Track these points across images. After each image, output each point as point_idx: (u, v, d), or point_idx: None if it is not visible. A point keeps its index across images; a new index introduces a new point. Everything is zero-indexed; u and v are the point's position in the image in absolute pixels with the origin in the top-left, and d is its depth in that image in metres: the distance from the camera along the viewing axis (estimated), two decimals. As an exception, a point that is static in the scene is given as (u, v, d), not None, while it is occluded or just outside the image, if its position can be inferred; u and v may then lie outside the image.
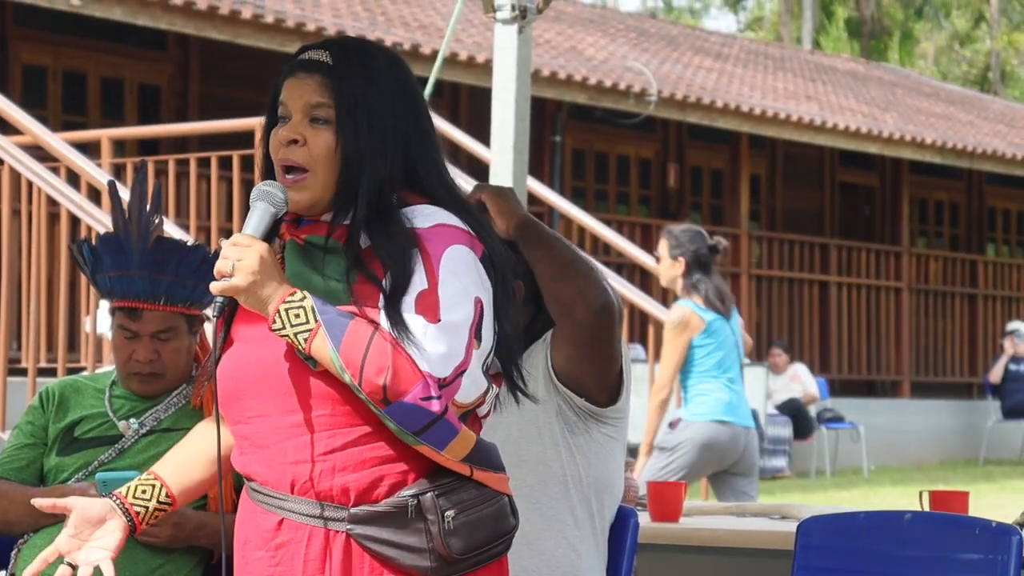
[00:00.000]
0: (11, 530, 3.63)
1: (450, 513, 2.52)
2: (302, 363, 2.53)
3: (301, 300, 2.50)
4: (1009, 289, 19.63)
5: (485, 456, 2.58)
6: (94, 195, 7.70)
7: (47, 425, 3.67)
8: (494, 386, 2.62)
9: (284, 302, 2.49)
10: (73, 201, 7.41)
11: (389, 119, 2.59)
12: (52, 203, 7.59)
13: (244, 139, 8.89)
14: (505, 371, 2.65)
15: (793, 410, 14.79)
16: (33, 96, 11.95)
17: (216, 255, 3.73)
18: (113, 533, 2.73)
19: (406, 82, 2.64)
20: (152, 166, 8.25)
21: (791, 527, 3.75)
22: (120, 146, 10.75)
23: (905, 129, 17.95)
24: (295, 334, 2.49)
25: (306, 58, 2.63)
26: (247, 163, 8.79)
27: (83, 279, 8.01)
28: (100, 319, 7.27)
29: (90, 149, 8.91)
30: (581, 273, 3.26)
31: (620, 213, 16.70)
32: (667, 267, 7.11)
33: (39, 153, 7.79)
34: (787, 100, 17.50)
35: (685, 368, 7.04)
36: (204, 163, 9.08)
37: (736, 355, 7.17)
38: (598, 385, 3.33)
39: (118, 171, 9.03)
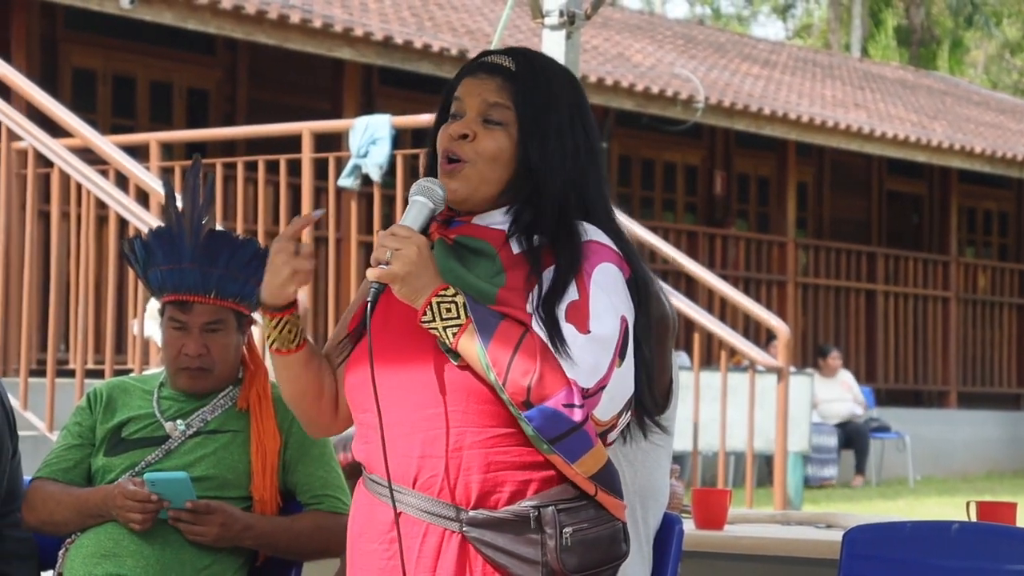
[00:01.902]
0: (58, 531, 3.65)
1: (568, 530, 2.52)
2: (440, 358, 2.54)
3: (453, 296, 2.51)
4: (1058, 299, 19.51)
5: (611, 479, 2.58)
6: (142, 198, 7.74)
7: (95, 426, 3.69)
8: (628, 412, 2.62)
9: (437, 296, 2.51)
10: (121, 204, 7.44)
11: (569, 135, 2.63)
12: (101, 206, 7.64)
13: (291, 143, 8.92)
14: (639, 399, 2.65)
15: (851, 432, 14.79)
16: (83, 99, 12.02)
17: (266, 250, 3.75)
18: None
19: (583, 100, 2.70)
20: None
21: (837, 536, 3.74)
22: (168, 149, 10.81)
23: (954, 138, 17.86)
24: (444, 327, 2.50)
25: (488, 61, 2.68)
26: (294, 167, 8.82)
27: (131, 282, 8.06)
28: (147, 323, 7.31)
29: (139, 152, 8.96)
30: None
31: (666, 220, 16.67)
32: None
33: (88, 156, 7.83)
34: (835, 108, 17.43)
35: None
36: (251, 167, 9.12)
37: None
38: (648, 396, 3.30)
39: (166, 175, 9.07)
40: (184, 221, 3.61)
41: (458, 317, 2.50)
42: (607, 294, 2.56)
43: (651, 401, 2.67)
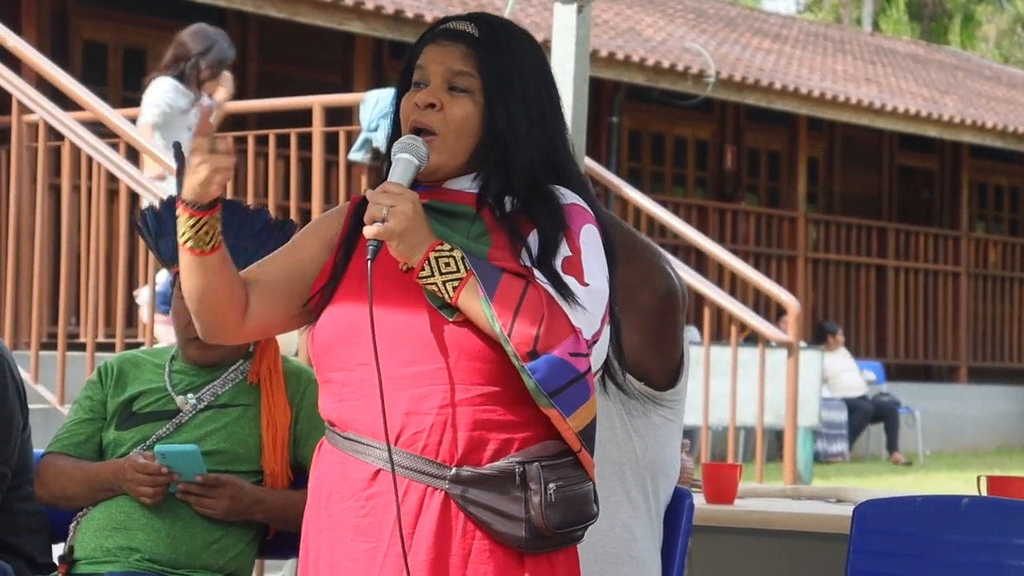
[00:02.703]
0: (70, 505, 3.66)
1: (552, 486, 2.52)
2: (429, 315, 2.53)
3: (451, 250, 2.50)
4: (1069, 275, 19.47)
5: (592, 437, 2.58)
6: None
7: (105, 400, 3.70)
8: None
9: (435, 251, 2.50)
10: (132, 177, 7.44)
11: (535, 99, 2.63)
12: (112, 179, 7.63)
13: (302, 117, 8.91)
14: (607, 363, 2.66)
15: (880, 409, 14.83)
16: (94, 72, 12.01)
17: (276, 222, 3.75)
18: None
19: (546, 64, 2.69)
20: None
21: (847, 511, 3.74)
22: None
23: (965, 113, 17.81)
24: (444, 282, 2.49)
25: (451, 27, 2.66)
26: (304, 141, 8.81)
27: (142, 255, 8.06)
28: (145, 295, 7.32)
29: (149, 126, 8.94)
30: (643, 258, 3.25)
31: (676, 195, 16.64)
32: None
33: (99, 129, 7.82)
34: (846, 82, 17.38)
35: None
36: (262, 141, 9.11)
37: None
38: (658, 371, 3.31)
39: (178, 146, 9.05)
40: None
41: (458, 271, 2.49)
42: (596, 253, 2.58)
43: (618, 363, 2.69)
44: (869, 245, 17.44)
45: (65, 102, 7.91)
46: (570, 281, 2.51)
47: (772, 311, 13.29)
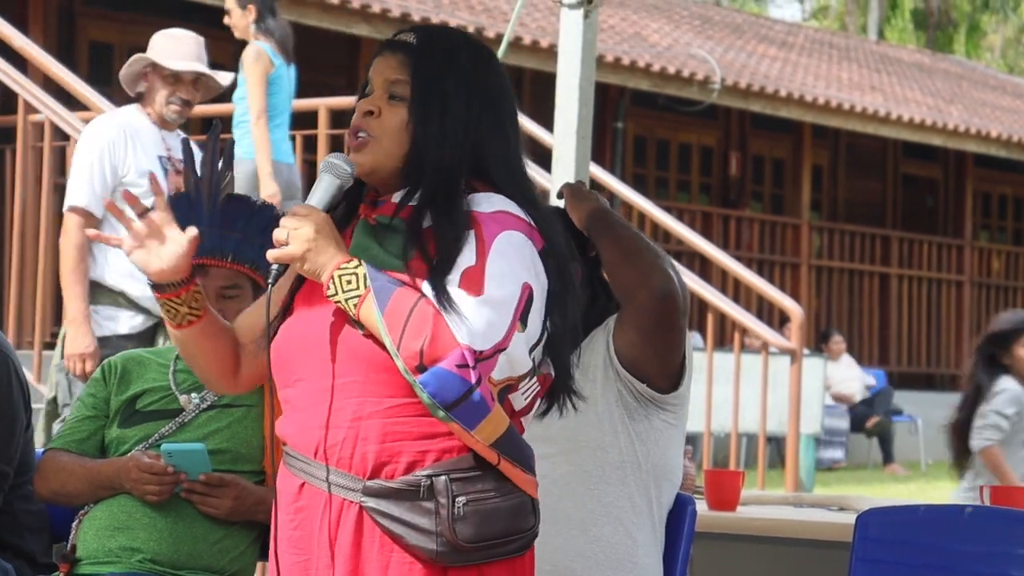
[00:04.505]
0: (70, 502, 3.65)
1: (462, 499, 2.53)
2: (346, 329, 2.58)
3: (355, 268, 2.55)
4: (1072, 285, 19.46)
5: (517, 450, 2.58)
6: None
7: (109, 397, 3.70)
8: (536, 381, 2.63)
9: (338, 269, 2.55)
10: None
11: (463, 108, 2.65)
12: (116, 179, 7.62)
13: (307, 119, 8.91)
14: (557, 371, 2.67)
15: (876, 426, 14.83)
16: (100, 73, 12.01)
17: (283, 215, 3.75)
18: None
19: (489, 75, 2.70)
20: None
21: (850, 519, 3.73)
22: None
23: (970, 122, 17.80)
24: (346, 299, 2.54)
25: (395, 39, 2.72)
26: (310, 143, 8.81)
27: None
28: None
29: (154, 126, 8.93)
30: (646, 260, 3.27)
31: (681, 201, 16.64)
32: (238, 17, 7.79)
33: (104, 129, 7.82)
34: (851, 90, 17.38)
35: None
36: (267, 142, 9.09)
37: (288, 101, 7.75)
38: (659, 373, 3.32)
39: (185, 141, 9.05)
40: (202, 186, 3.61)
41: (358, 288, 2.54)
42: (507, 260, 2.57)
43: (567, 374, 2.68)
44: (873, 253, 17.43)
45: (71, 102, 7.91)
46: (459, 294, 2.52)
47: (775, 318, 13.29)
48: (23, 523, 3.77)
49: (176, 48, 5.81)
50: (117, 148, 5.62)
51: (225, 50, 13.34)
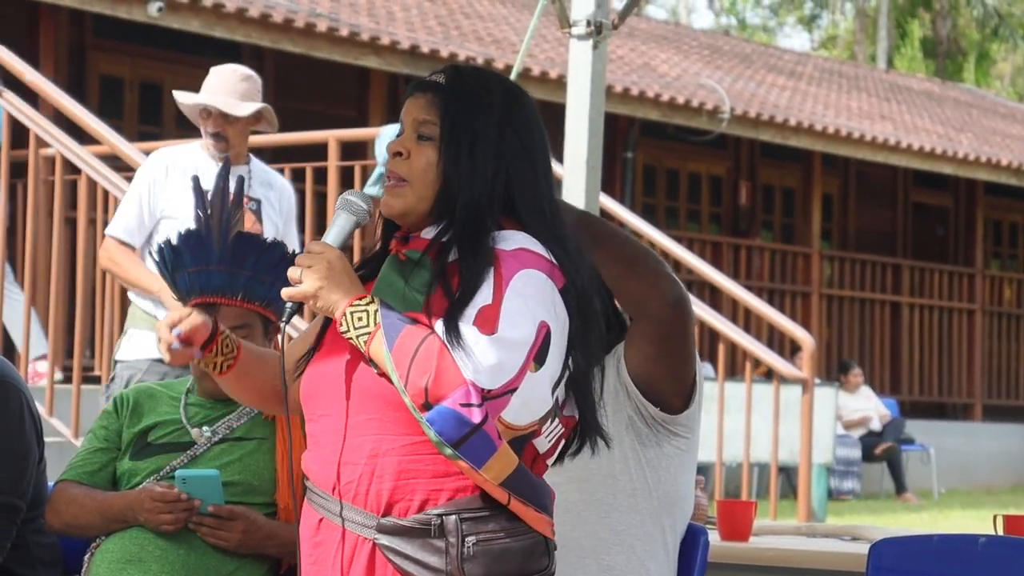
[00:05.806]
0: (82, 534, 3.65)
1: (472, 539, 2.53)
2: (362, 367, 2.60)
3: (367, 304, 2.56)
4: (1084, 313, 19.42)
5: (529, 489, 2.58)
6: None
7: (121, 430, 3.70)
8: (560, 424, 2.62)
9: (351, 306, 2.56)
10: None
11: (493, 147, 2.65)
12: (127, 212, 7.64)
13: (317, 151, 8.93)
14: (582, 410, 2.66)
15: (887, 455, 14.77)
16: (110, 106, 12.05)
17: (294, 255, 3.76)
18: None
19: (520, 114, 2.70)
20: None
21: (863, 549, 3.72)
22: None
23: (980, 150, 17.80)
24: (357, 336, 2.55)
25: (424, 79, 2.74)
26: (319, 175, 8.83)
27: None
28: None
29: (165, 159, 8.95)
30: (650, 267, 3.22)
31: (691, 230, 16.64)
32: None
33: (116, 163, 7.85)
34: (861, 119, 17.39)
35: None
36: (277, 175, 9.12)
37: None
38: (673, 390, 3.28)
39: (195, 178, 9.07)
40: (213, 223, 3.61)
41: (368, 325, 2.55)
42: (524, 299, 2.56)
43: (593, 413, 2.67)
44: (884, 282, 17.42)
45: (82, 136, 7.94)
46: (470, 332, 2.51)
47: (787, 347, 13.28)
48: (36, 556, 3.77)
49: (208, 83, 6.03)
50: (156, 186, 5.73)
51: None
